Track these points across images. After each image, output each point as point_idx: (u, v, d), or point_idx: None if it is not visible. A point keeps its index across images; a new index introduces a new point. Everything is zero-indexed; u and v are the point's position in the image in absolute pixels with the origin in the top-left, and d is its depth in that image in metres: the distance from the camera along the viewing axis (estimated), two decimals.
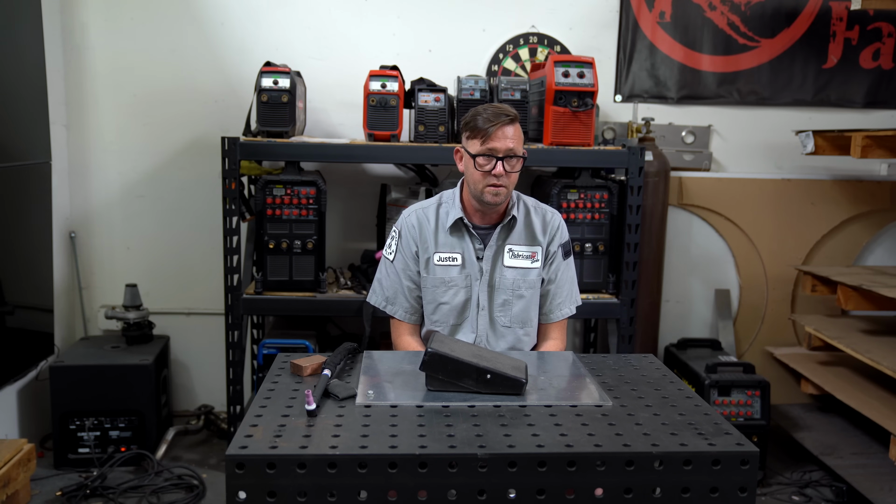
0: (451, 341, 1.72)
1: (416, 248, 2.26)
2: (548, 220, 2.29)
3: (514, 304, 2.25)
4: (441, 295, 2.24)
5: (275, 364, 1.85)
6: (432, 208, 2.28)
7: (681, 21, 3.68)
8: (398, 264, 2.28)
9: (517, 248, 2.24)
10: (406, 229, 2.27)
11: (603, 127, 3.68)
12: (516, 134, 2.10)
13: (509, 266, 2.24)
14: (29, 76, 3.15)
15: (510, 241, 2.24)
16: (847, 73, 3.78)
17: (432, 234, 2.25)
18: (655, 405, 1.59)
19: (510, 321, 2.25)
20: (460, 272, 2.23)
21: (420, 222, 2.26)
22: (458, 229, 2.23)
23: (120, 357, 3.23)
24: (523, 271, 2.24)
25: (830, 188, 3.84)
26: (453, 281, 2.23)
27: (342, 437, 1.37)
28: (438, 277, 2.24)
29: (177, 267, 3.67)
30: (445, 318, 2.26)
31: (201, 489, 2.95)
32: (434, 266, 2.24)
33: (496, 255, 2.24)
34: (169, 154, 3.60)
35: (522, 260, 2.25)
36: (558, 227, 2.29)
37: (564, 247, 2.30)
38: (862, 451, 3.29)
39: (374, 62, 3.31)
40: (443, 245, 2.24)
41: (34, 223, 3.22)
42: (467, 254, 2.24)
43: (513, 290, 2.24)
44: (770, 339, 3.90)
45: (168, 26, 3.51)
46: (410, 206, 2.33)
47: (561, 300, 2.32)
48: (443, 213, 2.25)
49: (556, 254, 2.28)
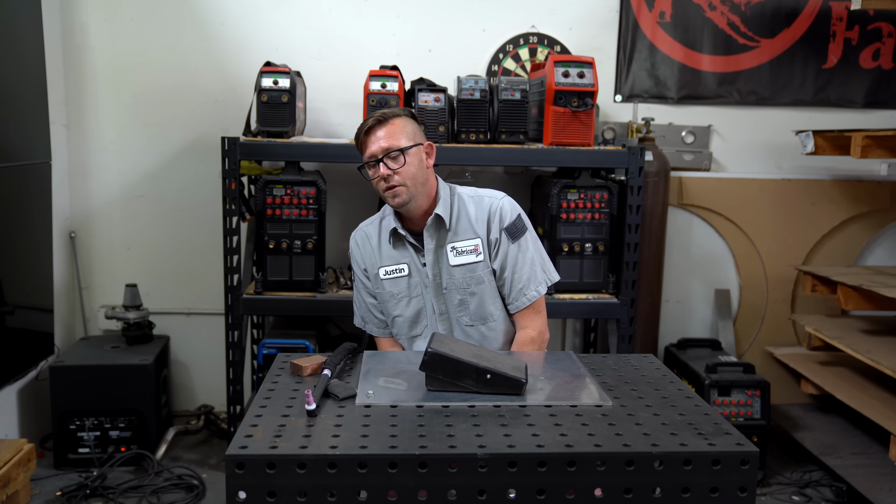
0: (452, 341, 1.71)
1: (365, 266, 2.25)
2: (484, 205, 2.18)
3: (469, 302, 2.18)
4: (393, 308, 2.23)
5: (275, 364, 1.85)
6: (375, 224, 2.25)
7: (681, 21, 3.68)
8: (358, 283, 2.30)
9: (459, 245, 2.16)
10: (353, 250, 2.27)
11: (603, 127, 3.68)
12: (389, 131, 2.06)
13: (456, 265, 2.17)
14: (29, 76, 3.15)
15: (451, 239, 2.17)
16: (847, 73, 3.78)
17: (376, 249, 2.22)
18: (655, 405, 1.59)
19: (471, 319, 2.20)
20: (408, 282, 2.20)
21: (362, 241, 2.25)
22: (398, 240, 2.20)
23: (120, 357, 3.24)
24: (470, 266, 2.17)
25: (830, 188, 3.84)
26: (402, 293, 2.21)
27: (342, 437, 1.37)
28: (388, 291, 2.22)
29: (177, 267, 3.67)
30: (402, 330, 2.24)
31: (201, 489, 2.95)
32: (382, 281, 2.22)
33: (438, 258, 2.18)
34: (169, 154, 3.60)
35: (466, 255, 2.17)
36: (497, 212, 2.16)
37: (510, 230, 2.17)
38: (862, 451, 3.29)
39: (374, 62, 3.31)
40: (387, 258, 2.21)
41: (34, 223, 3.22)
42: (413, 262, 2.20)
43: (464, 287, 2.17)
44: (770, 339, 3.90)
45: (168, 26, 3.51)
46: (360, 224, 2.30)
47: (522, 285, 2.19)
48: (385, 226, 2.22)
49: (499, 241, 2.17)
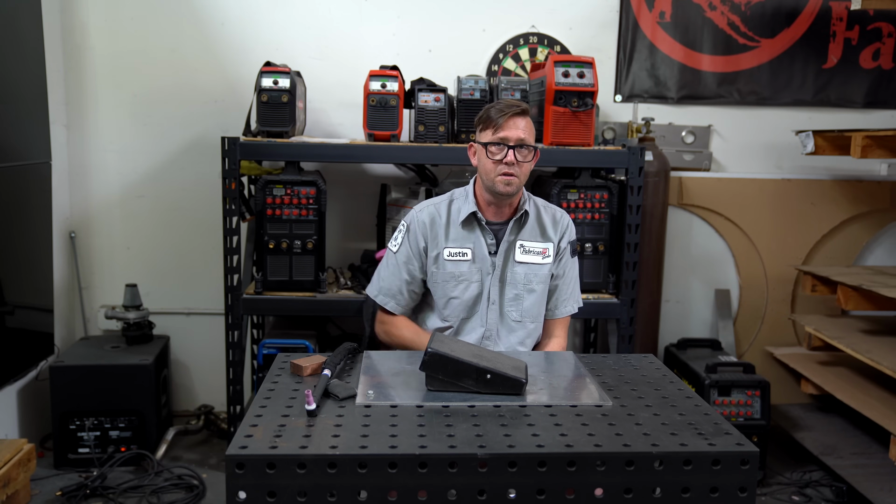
0: (452, 341, 1.72)
1: (425, 244, 2.29)
2: (558, 218, 2.36)
3: (525, 298, 2.29)
4: (451, 289, 2.28)
5: (275, 364, 1.85)
6: (444, 204, 2.32)
7: (681, 21, 3.68)
8: (401, 256, 2.31)
9: (529, 244, 2.29)
10: (416, 224, 2.30)
11: (603, 127, 3.68)
12: (527, 126, 2.18)
13: (521, 261, 2.29)
14: (29, 76, 3.15)
15: (521, 236, 2.29)
16: (847, 73, 3.78)
17: (443, 228, 2.28)
18: (655, 405, 1.59)
19: (521, 315, 2.30)
20: (471, 267, 2.27)
21: (432, 217, 2.30)
22: (469, 224, 2.27)
23: (120, 357, 3.23)
24: (535, 266, 2.29)
25: (830, 188, 3.84)
26: (464, 275, 2.27)
27: (342, 437, 1.37)
28: (449, 272, 2.27)
29: (177, 267, 3.67)
30: (456, 313, 2.29)
31: (201, 489, 2.95)
32: (444, 261, 2.27)
33: (508, 251, 2.28)
34: (169, 154, 3.60)
35: (534, 256, 2.29)
36: (567, 226, 2.36)
37: (572, 245, 2.38)
38: (862, 451, 3.29)
39: (374, 62, 3.31)
40: (453, 240, 2.28)
41: (34, 223, 3.22)
42: (478, 248, 2.27)
43: (524, 284, 2.28)
44: (770, 339, 3.90)
45: (168, 26, 3.51)
46: (422, 202, 2.37)
47: (566, 297, 2.39)
48: (454, 209, 2.30)
49: (565, 251, 2.35)
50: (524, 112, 2.17)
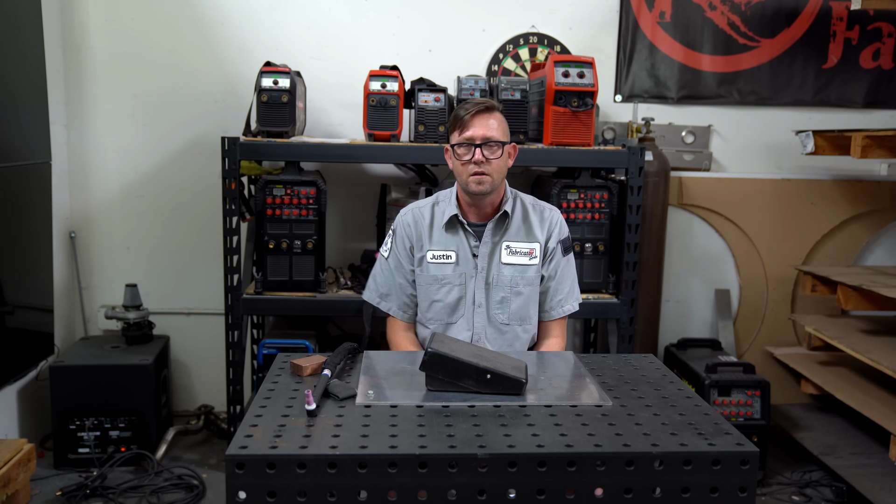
0: (452, 341, 1.72)
1: (411, 245, 2.28)
2: (546, 216, 2.30)
3: (511, 301, 2.26)
4: (434, 292, 2.26)
5: (275, 364, 1.85)
6: (428, 206, 2.31)
7: (681, 21, 3.68)
8: (392, 262, 2.32)
9: (515, 245, 2.25)
10: (401, 227, 2.30)
11: (603, 127, 3.68)
12: (495, 122, 2.14)
13: (507, 263, 2.25)
14: (29, 76, 3.15)
15: (507, 237, 2.25)
16: (847, 73, 3.78)
17: (427, 231, 2.27)
18: (655, 405, 1.59)
19: (508, 318, 2.26)
20: (454, 270, 2.25)
21: (415, 220, 2.29)
22: (453, 226, 2.26)
23: (120, 357, 3.23)
24: (521, 268, 2.25)
25: (830, 188, 3.84)
26: (447, 278, 2.25)
27: (342, 437, 1.37)
28: (432, 275, 2.26)
29: (177, 267, 3.67)
30: (439, 316, 2.28)
31: (201, 489, 2.95)
32: (427, 264, 2.26)
33: (492, 252, 2.25)
34: (169, 154, 3.60)
35: (520, 257, 2.25)
36: (557, 224, 2.30)
37: (564, 243, 2.31)
38: (862, 451, 3.29)
39: (374, 62, 3.31)
40: (437, 242, 2.26)
41: (34, 223, 3.22)
42: (462, 251, 2.25)
43: (510, 286, 2.25)
44: (770, 339, 3.90)
45: (168, 26, 3.51)
46: (407, 206, 2.36)
47: (562, 297, 2.33)
48: (438, 211, 2.28)
49: (555, 250, 2.29)
50: (489, 108, 2.14)
